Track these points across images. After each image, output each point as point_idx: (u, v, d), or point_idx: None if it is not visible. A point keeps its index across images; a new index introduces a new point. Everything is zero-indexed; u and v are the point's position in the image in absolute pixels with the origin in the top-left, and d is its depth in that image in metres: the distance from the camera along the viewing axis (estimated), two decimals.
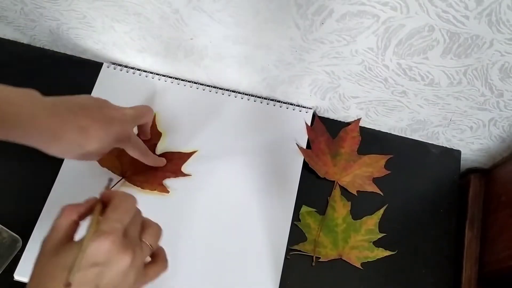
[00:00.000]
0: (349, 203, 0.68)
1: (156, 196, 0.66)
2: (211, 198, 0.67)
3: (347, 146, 0.72)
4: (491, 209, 0.69)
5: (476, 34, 0.50)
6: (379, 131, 0.74)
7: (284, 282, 0.63)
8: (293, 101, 0.74)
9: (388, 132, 0.74)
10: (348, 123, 0.74)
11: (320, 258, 0.65)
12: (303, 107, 0.74)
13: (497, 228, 0.66)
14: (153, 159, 0.66)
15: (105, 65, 0.75)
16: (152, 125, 0.70)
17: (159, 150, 0.70)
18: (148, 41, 0.68)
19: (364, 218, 0.68)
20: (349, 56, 0.59)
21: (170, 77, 0.75)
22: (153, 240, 0.45)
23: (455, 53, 0.54)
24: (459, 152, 0.73)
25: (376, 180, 0.70)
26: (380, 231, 0.67)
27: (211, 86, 0.75)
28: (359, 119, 0.73)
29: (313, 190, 0.69)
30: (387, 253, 0.65)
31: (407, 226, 0.68)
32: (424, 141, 0.74)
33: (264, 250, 0.64)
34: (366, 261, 0.65)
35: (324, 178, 0.70)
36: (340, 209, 0.68)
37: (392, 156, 0.71)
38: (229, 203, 0.67)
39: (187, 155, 0.69)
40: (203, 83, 0.75)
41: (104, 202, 0.44)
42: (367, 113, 0.71)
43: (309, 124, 0.73)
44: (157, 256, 0.47)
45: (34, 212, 0.65)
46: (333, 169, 0.70)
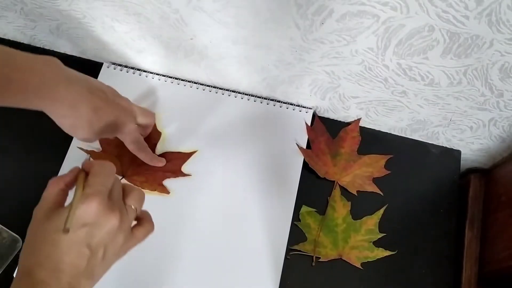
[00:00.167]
0: (349, 203, 0.68)
1: (156, 196, 0.66)
2: (211, 198, 0.67)
3: (347, 146, 0.72)
4: (491, 209, 0.69)
5: (476, 34, 0.50)
6: (379, 131, 0.74)
7: (284, 282, 0.63)
8: (293, 101, 0.74)
9: (388, 132, 0.74)
10: (348, 123, 0.74)
11: (320, 258, 0.65)
12: (303, 107, 0.74)
13: (497, 228, 0.66)
14: (152, 157, 0.66)
15: (105, 65, 0.75)
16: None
17: (159, 150, 0.70)
18: (148, 41, 0.68)
19: (364, 218, 0.68)
20: (349, 56, 0.59)
21: (170, 77, 0.75)
22: (137, 203, 0.48)
23: (455, 53, 0.54)
24: (459, 152, 0.73)
25: (376, 180, 0.70)
26: (380, 231, 0.67)
27: (211, 86, 0.75)
28: (359, 119, 0.73)
29: (313, 190, 0.69)
30: (387, 253, 0.65)
31: (407, 226, 0.68)
32: (424, 141, 0.74)
33: (264, 250, 0.64)
34: (366, 261, 0.65)
35: (324, 178, 0.70)
36: (340, 209, 0.68)
37: (392, 156, 0.71)
38: (229, 203, 0.67)
39: (187, 155, 0.69)
40: (203, 83, 0.75)
41: (86, 172, 0.46)
42: (367, 113, 0.71)
43: (309, 124, 0.73)
44: (143, 219, 0.49)
45: None
46: (333, 169, 0.70)
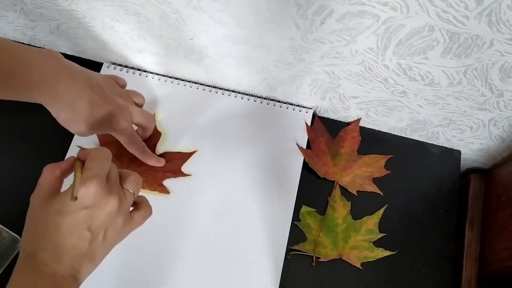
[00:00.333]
0: (349, 203, 0.68)
1: (156, 196, 0.66)
2: (211, 198, 0.67)
3: (347, 146, 0.72)
4: (491, 209, 0.69)
5: (476, 34, 0.50)
6: (379, 131, 0.74)
7: (284, 282, 0.63)
8: (293, 101, 0.74)
9: (388, 132, 0.74)
10: (348, 123, 0.74)
11: (320, 258, 0.65)
12: (303, 107, 0.74)
13: (497, 228, 0.66)
14: (150, 157, 0.66)
15: (105, 65, 0.75)
16: None
17: (159, 150, 0.70)
18: (148, 41, 0.68)
19: (364, 218, 0.68)
20: (349, 56, 0.59)
21: (170, 77, 0.75)
22: (135, 187, 0.48)
23: (455, 53, 0.54)
24: (459, 152, 0.73)
25: (376, 180, 0.70)
26: (380, 231, 0.67)
27: (211, 86, 0.75)
28: (359, 119, 0.73)
29: (313, 190, 0.69)
30: (387, 253, 0.65)
31: (407, 226, 0.68)
32: (424, 141, 0.74)
33: (264, 250, 0.64)
34: (366, 261, 0.65)
35: (324, 178, 0.70)
36: (340, 209, 0.68)
37: (392, 156, 0.71)
38: (229, 203, 0.67)
39: (187, 155, 0.69)
40: (203, 83, 0.75)
41: (82, 161, 0.46)
42: (367, 113, 0.71)
43: (309, 124, 0.73)
44: (141, 203, 0.50)
45: None
46: (333, 169, 0.70)
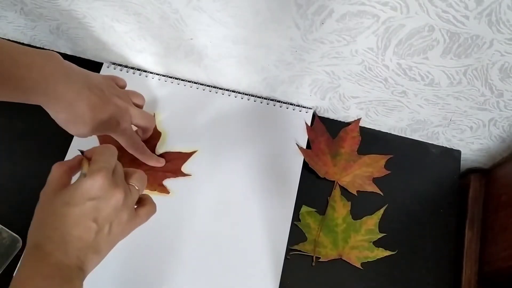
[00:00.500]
0: (349, 203, 0.68)
1: (156, 196, 0.66)
2: (211, 198, 0.67)
3: (347, 146, 0.72)
4: (491, 209, 0.69)
5: (476, 34, 0.50)
6: (379, 131, 0.74)
7: (284, 282, 0.63)
8: (293, 101, 0.74)
9: (388, 132, 0.74)
10: (348, 123, 0.74)
11: (320, 258, 0.65)
12: (303, 107, 0.74)
13: (497, 228, 0.66)
14: (150, 157, 0.66)
15: (105, 65, 0.75)
16: None
17: (159, 150, 0.70)
18: (148, 41, 0.68)
19: (364, 218, 0.68)
20: (349, 56, 0.59)
21: (170, 77, 0.75)
22: (140, 183, 0.49)
23: (455, 53, 0.54)
24: (459, 152, 0.73)
25: (376, 180, 0.70)
26: (380, 231, 0.67)
27: (211, 86, 0.75)
28: (359, 119, 0.73)
29: (313, 190, 0.69)
30: (387, 253, 0.65)
31: (407, 226, 0.68)
32: (424, 141, 0.74)
33: (264, 250, 0.64)
34: (366, 261, 0.65)
35: (324, 178, 0.70)
36: (340, 209, 0.68)
37: (392, 156, 0.71)
38: (229, 203, 0.67)
39: (187, 155, 0.69)
40: (203, 83, 0.75)
41: (89, 158, 0.48)
42: (367, 113, 0.71)
43: (309, 124, 0.73)
44: (145, 200, 0.51)
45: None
46: (333, 169, 0.70)
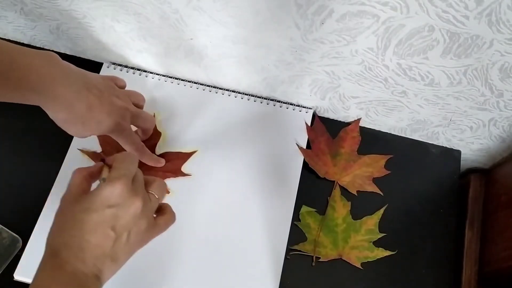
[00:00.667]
0: (349, 203, 0.68)
1: None
2: (211, 198, 0.67)
3: (347, 146, 0.72)
4: (491, 209, 0.69)
5: (476, 34, 0.50)
6: (379, 131, 0.74)
7: (284, 282, 0.63)
8: (293, 101, 0.74)
9: (388, 132, 0.74)
10: (348, 123, 0.74)
11: (320, 258, 0.65)
12: (303, 107, 0.74)
13: (497, 228, 0.66)
14: (150, 157, 0.66)
15: (105, 65, 0.75)
16: None
17: (159, 150, 0.70)
18: (148, 41, 0.68)
19: (364, 218, 0.68)
20: (349, 56, 0.59)
21: (170, 77, 0.75)
22: (159, 192, 0.49)
23: (455, 53, 0.54)
24: (459, 152, 0.73)
25: (376, 180, 0.70)
26: (380, 231, 0.67)
27: (211, 86, 0.75)
28: (359, 119, 0.73)
29: (313, 190, 0.69)
30: (387, 253, 0.65)
31: (407, 226, 0.68)
32: (424, 141, 0.74)
33: (264, 250, 0.64)
34: (366, 261, 0.65)
35: (324, 178, 0.70)
36: (340, 209, 0.68)
37: (392, 156, 0.71)
38: (229, 203, 0.67)
39: (187, 155, 0.69)
40: (203, 83, 0.75)
41: (110, 165, 0.48)
42: (367, 113, 0.71)
43: (309, 124, 0.73)
44: (165, 209, 0.51)
45: (34, 212, 0.65)
46: (333, 169, 0.70)
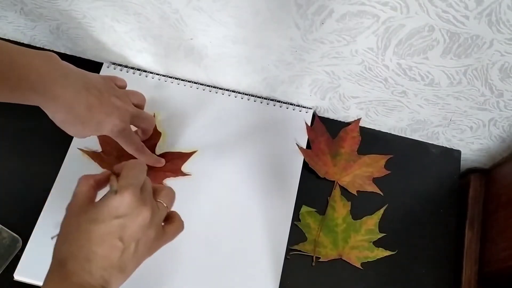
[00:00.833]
0: (349, 203, 0.68)
1: None
2: (211, 198, 0.67)
3: (347, 146, 0.72)
4: (491, 209, 0.69)
5: (476, 34, 0.50)
6: (379, 131, 0.74)
7: (284, 282, 0.63)
8: (293, 101, 0.74)
9: (388, 132, 0.74)
10: (348, 123, 0.74)
11: (320, 258, 0.65)
12: (303, 107, 0.74)
13: (497, 228, 0.66)
14: (150, 157, 0.66)
15: (105, 65, 0.75)
16: None
17: (159, 150, 0.70)
18: (148, 41, 0.68)
19: (364, 218, 0.68)
20: (349, 56, 0.59)
21: (170, 77, 0.75)
22: (168, 200, 0.49)
23: (455, 53, 0.54)
24: (459, 152, 0.73)
25: (376, 180, 0.70)
26: (380, 231, 0.67)
27: (211, 86, 0.75)
28: (359, 119, 0.73)
29: (313, 190, 0.69)
30: (387, 253, 0.65)
31: (407, 226, 0.68)
32: (424, 141, 0.74)
33: (264, 250, 0.64)
34: (366, 261, 0.65)
35: (324, 178, 0.70)
36: (340, 209, 0.68)
37: (392, 156, 0.71)
38: (229, 203, 0.67)
39: (187, 155, 0.69)
40: (203, 83, 0.75)
41: (117, 174, 0.47)
42: (367, 113, 0.71)
43: (309, 124, 0.73)
44: (173, 217, 0.50)
45: (34, 212, 0.65)
46: (333, 169, 0.70)
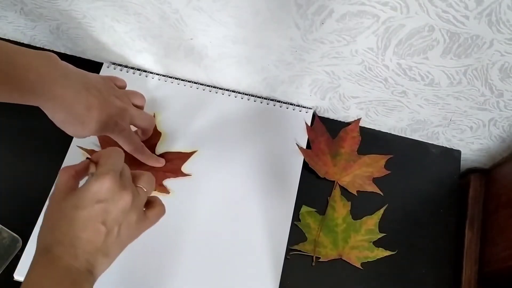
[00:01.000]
0: (349, 203, 0.68)
1: None
2: (211, 198, 0.67)
3: (347, 146, 0.72)
4: (491, 209, 0.69)
5: (476, 34, 0.50)
6: (379, 131, 0.74)
7: (284, 282, 0.63)
8: (293, 101, 0.74)
9: (388, 132, 0.74)
10: (348, 123, 0.74)
11: (320, 258, 0.65)
12: (303, 107, 0.74)
13: (497, 228, 0.66)
14: (150, 157, 0.66)
15: (105, 65, 0.76)
16: None
17: (159, 150, 0.70)
18: (148, 41, 0.68)
19: (364, 218, 0.68)
20: (349, 56, 0.59)
21: (170, 77, 0.75)
22: (148, 185, 0.49)
23: (455, 53, 0.54)
24: (459, 152, 0.73)
25: (376, 180, 0.70)
26: (380, 231, 0.67)
27: (211, 86, 0.75)
28: (359, 119, 0.73)
29: (313, 190, 0.69)
30: (387, 253, 0.65)
31: (407, 226, 0.68)
32: (424, 141, 0.74)
33: (264, 250, 0.64)
34: (366, 261, 0.65)
35: (324, 178, 0.70)
36: (340, 209, 0.68)
37: (392, 156, 0.71)
38: (229, 203, 0.67)
39: (187, 155, 0.69)
40: (203, 83, 0.75)
41: (96, 162, 0.47)
42: (367, 113, 0.71)
43: (309, 124, 0.73)
44: (154, 202, 0.51)
45: (34, 212, 0.65)
46: (333, 169, 0.70)
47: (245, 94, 0.74)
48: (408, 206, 0.69)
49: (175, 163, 0.69)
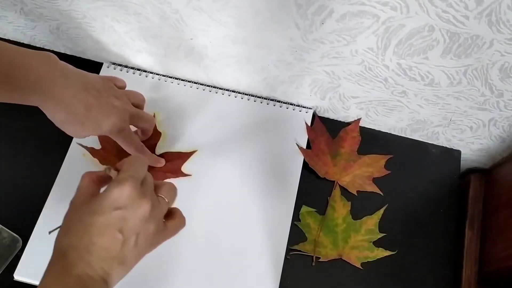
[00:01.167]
0: (349, 203, 0.68)
1: None
2: (211, 198, 0.67)
3: (347, 146, 0.72)
4: (491, 209, 0.69)
5: (476, 34, 0.50)
6: (379, 131, 0.74)
7: (284, 282, 0.63)
8: (293, 101, 0.74)
9: (388, 132, 0.74)
10: (348, 123, 0.74)
11: (320, 258, 0.65)
12: (303, 107, 0.74)
13: (497, 228, 0.66)
14: (150, 157, 0.66)
15: (105, 65, 0.76)
16: None
17: (159, 150, 0.70)
18: (148, 41, 0.68)
19: (364, 218, 0.68)
20: (349, 56, 0.59)
21: (170, 77, 0.75)
22: (169, 195, 0.49)
23: (455, 53, 0.54)
24: (459, 152, 0.73)
25: (376, 180, 0.70)
26: (380, 231, 0.67)
27: (211, 86, 0.75)
28: (359, 119, 0.73)
29: (313, 190, 0.69)
30: (387, 253, 0.65)
31: (407, 226, 0.68)
32: (424, 141, 0.74)
33: (264, 250, 0.64)
34: (366, 261, 0.65)
35: (324, 178, 0.70)
36: (340, 209, 0.68)
37: (392, 156, 0.71)
38: (229, 203, 0.67)
39: (187, 155, 0.69)
40: (203, 83, 0.75)
41: (118, 170, 0.47)
42: (367, 113, 0.71)
43: (309, 124, 0.73)
44: (175, 213, 0.50)
45: (34, 212, 0.65)
46: (333, 169, 0.70)
47: (245, 94, 0.74)
48: (408, 206, 0.69)
49: (175, 163, 0.69)
